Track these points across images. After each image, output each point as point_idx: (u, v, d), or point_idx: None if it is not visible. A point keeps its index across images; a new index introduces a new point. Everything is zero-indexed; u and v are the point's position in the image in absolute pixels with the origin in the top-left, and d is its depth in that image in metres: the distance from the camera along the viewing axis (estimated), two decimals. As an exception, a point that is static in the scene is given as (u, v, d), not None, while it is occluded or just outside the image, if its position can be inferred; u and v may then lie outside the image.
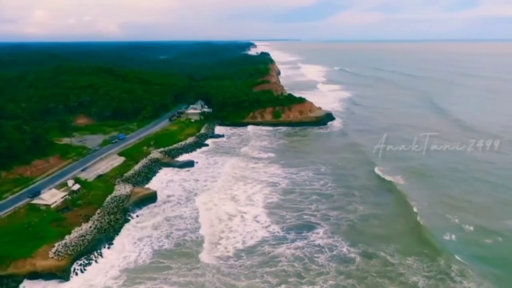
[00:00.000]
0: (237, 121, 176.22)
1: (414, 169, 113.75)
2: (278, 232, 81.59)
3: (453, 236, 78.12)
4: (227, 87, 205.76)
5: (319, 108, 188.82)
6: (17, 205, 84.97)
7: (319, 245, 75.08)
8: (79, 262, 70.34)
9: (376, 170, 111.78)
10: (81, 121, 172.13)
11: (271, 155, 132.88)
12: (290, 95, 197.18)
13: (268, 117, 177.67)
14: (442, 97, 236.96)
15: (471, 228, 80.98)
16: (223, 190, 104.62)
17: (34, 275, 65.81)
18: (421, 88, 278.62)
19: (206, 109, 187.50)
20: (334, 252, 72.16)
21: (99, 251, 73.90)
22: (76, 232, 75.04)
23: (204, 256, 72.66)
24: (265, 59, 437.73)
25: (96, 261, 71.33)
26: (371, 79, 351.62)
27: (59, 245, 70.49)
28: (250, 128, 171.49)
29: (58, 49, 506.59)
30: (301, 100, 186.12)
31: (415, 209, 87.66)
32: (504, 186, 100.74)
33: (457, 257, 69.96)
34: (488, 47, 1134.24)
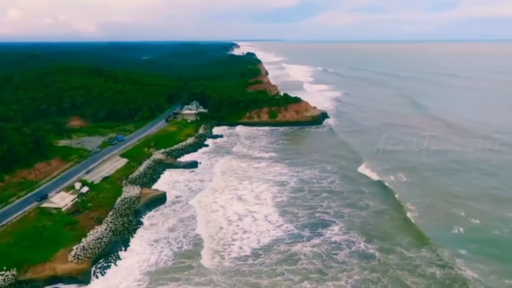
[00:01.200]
0: (234, 122, 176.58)
1: (416, 167, 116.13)
2: (292, 230, 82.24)
3: (461, 229, 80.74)
4: (222, 87, 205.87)
5: (314, 108, 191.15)
6: (25, 209, 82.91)
7: (336, 242, 76.21)
8: (98, 265, 69.55)
9: (380, 168, 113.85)
10: (75, 122, 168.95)
11: (273, 154, 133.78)
12: (286, 95, 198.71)
13: (265, 117, 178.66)
14: (430, 97, 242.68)
15: (477, 221, 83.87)
16: (227, 190, 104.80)
17: (54, 280, 64.66)
18: (408, 88, 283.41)
19: (201, 110, 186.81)
20: (353, 249, 73.38)
21: (116, 253, 73.08)
22: (92, 235, 73.94)
23: (221, 256, 72.78)
24: (252, 60, 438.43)
25: (115, 264, 70.63)
26: (357, 79, 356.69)
27: (77, 248, 69.32)
28: (239, 128, 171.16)
29: (37, 50, 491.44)
30: (297, 100, 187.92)
31: (422, 205, 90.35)
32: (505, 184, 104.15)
33: (465, 247, 72.82)
34: (467, 47, 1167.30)
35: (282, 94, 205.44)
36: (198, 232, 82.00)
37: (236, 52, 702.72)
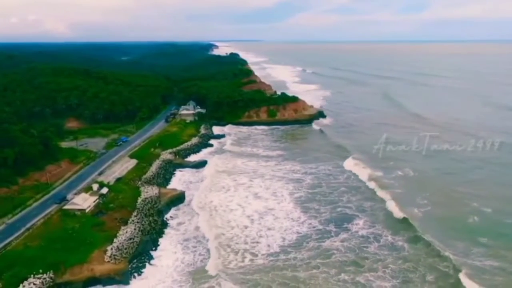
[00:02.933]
0: (234, 121, 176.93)
1: (418, 163, 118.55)
2: (317, 226, 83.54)
3: (476, 218, 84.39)
4: (218, 87, 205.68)
5: (311, 106, 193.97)
6: (47, 211, 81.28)
7: (363, 236, 78.14)
8: (133, 265, 68.98)
9: (386, 164, 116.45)
10: (72, 124, 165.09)
11: (280, 152, 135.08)
12: (283, 94, 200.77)
13: (264, 116, 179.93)
14: (414, 96, 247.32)
15: (489, 210, 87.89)
16: (241, 188, 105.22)
17: (92, 281, 63.69)
18: (390, 88, 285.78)
19: (199, 110, 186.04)
20: (381, 242, 75.58)
21: (148, 253, 72.76)
22: (123, 235, 73.21)
23: (252, 254, 73.30)
24: (239, 60, 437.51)
25: (149, 263, 70.26)
26: (339, 79, 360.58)
27: (111, 248, 68.60)
28: (239, 128, 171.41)
29: (5, 50, 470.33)
30: (295, 99, 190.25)
31: (433, 196, 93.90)
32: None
33: (483, 233, 76.67)
34: (438, 48, 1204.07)
35: (279, 93, 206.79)
36: (223, 231, 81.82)
37: (216, 52, 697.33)
